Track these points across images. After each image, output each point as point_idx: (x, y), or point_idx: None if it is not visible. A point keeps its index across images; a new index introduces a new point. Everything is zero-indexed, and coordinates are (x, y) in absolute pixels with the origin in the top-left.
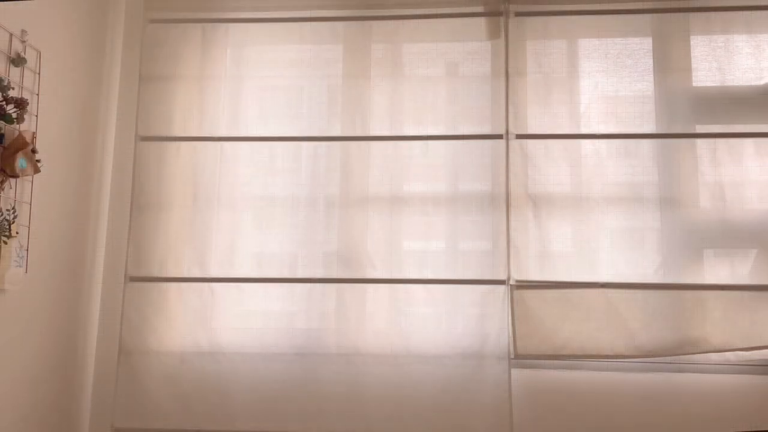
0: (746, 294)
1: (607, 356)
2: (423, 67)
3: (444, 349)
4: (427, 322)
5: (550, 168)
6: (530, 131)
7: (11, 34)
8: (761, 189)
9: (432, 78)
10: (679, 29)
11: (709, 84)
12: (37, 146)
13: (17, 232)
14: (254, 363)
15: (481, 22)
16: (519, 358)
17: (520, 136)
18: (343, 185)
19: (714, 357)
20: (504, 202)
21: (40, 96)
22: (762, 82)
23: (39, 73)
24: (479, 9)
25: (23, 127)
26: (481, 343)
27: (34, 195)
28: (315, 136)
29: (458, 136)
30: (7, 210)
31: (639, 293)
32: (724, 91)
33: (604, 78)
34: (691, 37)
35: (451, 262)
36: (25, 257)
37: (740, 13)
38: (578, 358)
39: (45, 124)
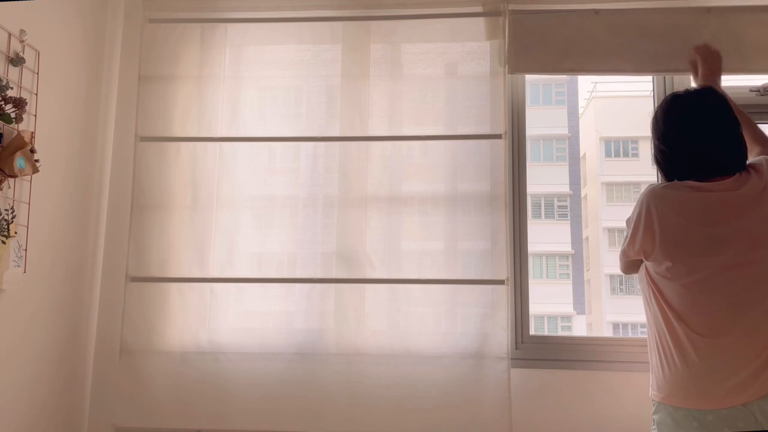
0: None
1: None
2: (422, 67)
3: (443, 349)
4: (426, 322)
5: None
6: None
7: (10, 34)
8: None
9: (431, 78)
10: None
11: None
12: (36, 146)
13: (16, 232)
14: (254, 363)
15: (481, 22)
16: None
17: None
18: (342, 185)
19: None
20: (503, 202)
21: (38, 96)
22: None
23: (38, 73)
24: (478, 9)
25: (22, 126)
26: (481, 343)
27: (33, 195)
28: (314, 136)
29: (457, 136)
30: (6, 210)
31: None
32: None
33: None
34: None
35: (450, 262)
36: (24, 257)
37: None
38: None
39: (44, 124)
